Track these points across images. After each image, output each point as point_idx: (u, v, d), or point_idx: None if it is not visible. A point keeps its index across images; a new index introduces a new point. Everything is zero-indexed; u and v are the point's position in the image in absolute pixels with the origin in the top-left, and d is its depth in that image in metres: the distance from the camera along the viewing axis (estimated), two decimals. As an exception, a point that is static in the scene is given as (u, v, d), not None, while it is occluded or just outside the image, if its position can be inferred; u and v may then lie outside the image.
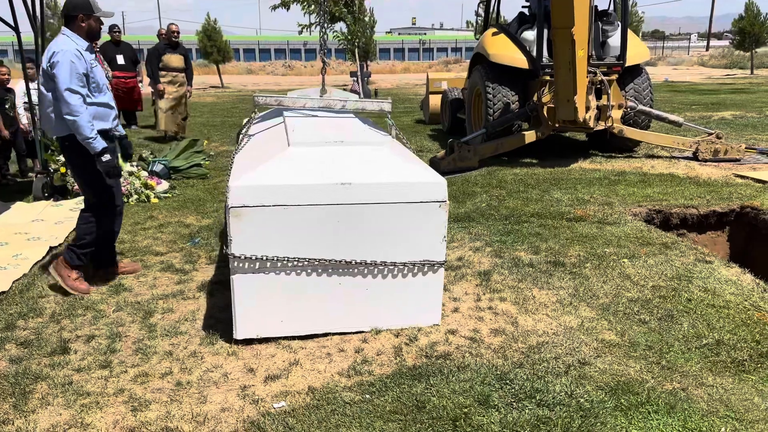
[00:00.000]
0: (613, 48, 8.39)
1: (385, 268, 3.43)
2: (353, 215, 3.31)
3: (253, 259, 3.28)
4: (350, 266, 3.39)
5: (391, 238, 3.38)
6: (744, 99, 15.79)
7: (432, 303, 3.55)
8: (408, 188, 3.33)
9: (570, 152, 8.79)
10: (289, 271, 3.34)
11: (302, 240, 3.30)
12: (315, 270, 3.37)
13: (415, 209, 3.36)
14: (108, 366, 3.22)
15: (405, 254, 3.41)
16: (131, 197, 6.57)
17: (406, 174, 3.38)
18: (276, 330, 3.44)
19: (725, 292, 3.95)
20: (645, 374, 3.02)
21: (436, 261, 3.46)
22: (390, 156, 3.48)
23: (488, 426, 2.62)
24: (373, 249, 3.38)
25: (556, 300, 3.89)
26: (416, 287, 3.49)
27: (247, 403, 2.87)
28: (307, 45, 59.49)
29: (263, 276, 3.32)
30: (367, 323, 3.51)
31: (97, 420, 2.76)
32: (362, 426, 2.66)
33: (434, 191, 3.36)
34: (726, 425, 2.63)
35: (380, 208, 3.33)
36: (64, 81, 3.75)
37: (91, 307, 3.93)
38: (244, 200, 3.19)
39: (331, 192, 3.26)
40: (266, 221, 3.23)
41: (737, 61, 34.30)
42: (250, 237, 3.24)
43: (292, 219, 3.26)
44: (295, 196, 3.23)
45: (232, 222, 3.21)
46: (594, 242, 4.90)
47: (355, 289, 3.44)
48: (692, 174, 7.24)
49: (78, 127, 3.80)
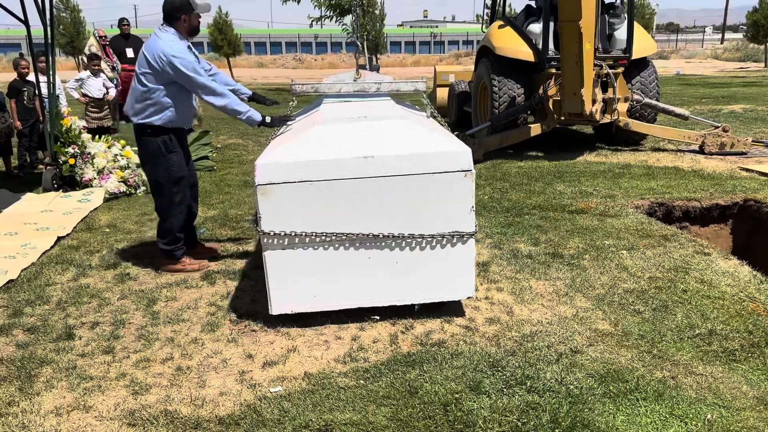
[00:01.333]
0: (620, 41, 8.39)
1: (413, 241, 3.44)
2: (377, 188, 3.34)
3: (282, 235, 3.35)
4: (378, 240, 3.42)
5: (417, 210, 3.38)
6: (755, 92, 15.67)
7: (464, 275, 3.52)
8: (431, 158, 3.33)
9: (575, 145, 8.79)
10: (318, 246, 3.41)
11: (329, 215, 3.35)
12: (343, 244, 3.42)
13: (440, 179, 3.34)
14: (111, 351, 3.31)
15: (433, 226, 3.41)
16: (138, 189, 6.66)
17: (429, 144, 3.37)
18: (309, 305, 3.51)
19: (721, 284, 3.97)
20: (636, 363, 3.07)
21: (465, 232, 3.43)
22: (413, 128, 3.46)
23: (478, 411, 2.68)
24: (400, 222, 3.40)
25: (553, 290, 3.94)
26: (447, 259, 3.48)
27: (244, 388, 2.95)
28: (318, 38, 59.53)
29: (293, 252, 3.40)
30: (398, 297, 3.54)
31: (99, 403, 2.85)
32: (355, 410, 2.72)
33: (458, 160, 3.34)
34: (712, 412, 2.67)
35: (404, 180, 3.34)
36: (197, 79, 3.98)
37: (97, 295, 4.03)
38: (269, 177, 3.28)
39: (353, 166, 3.30)
40: (293, 197, 3.31)
41: (751, 53, 33.94)
42: (278, 214, 3.32)
43: (317, 194, 3.32)
44: (318, 172, 3.29)
45: (259, 199, 3.30)
46: (594, 234, 4.93)
47: (384, 263, 3.47)
48: (697, 167, 7.24)
49: (233, 110, 4.03)
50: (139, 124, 4.16)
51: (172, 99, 4.08)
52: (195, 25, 4.15)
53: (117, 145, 7.23)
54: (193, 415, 2.74)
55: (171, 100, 4.08)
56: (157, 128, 4.14)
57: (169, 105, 4.08)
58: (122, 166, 6.84)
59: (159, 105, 4.07)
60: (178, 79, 3.99)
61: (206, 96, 4.04)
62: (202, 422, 2.69)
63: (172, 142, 4.21)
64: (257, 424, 2.66)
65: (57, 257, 4.71)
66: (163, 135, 4.17)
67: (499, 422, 2.61)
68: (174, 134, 4.22)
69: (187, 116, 4.28)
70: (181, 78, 3.98)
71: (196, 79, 3.98)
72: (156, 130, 4.14)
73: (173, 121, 4.16)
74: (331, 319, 3.58)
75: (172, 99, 4.08)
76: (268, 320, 3.62)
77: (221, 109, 4.08)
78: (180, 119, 4.19)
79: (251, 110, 4.08)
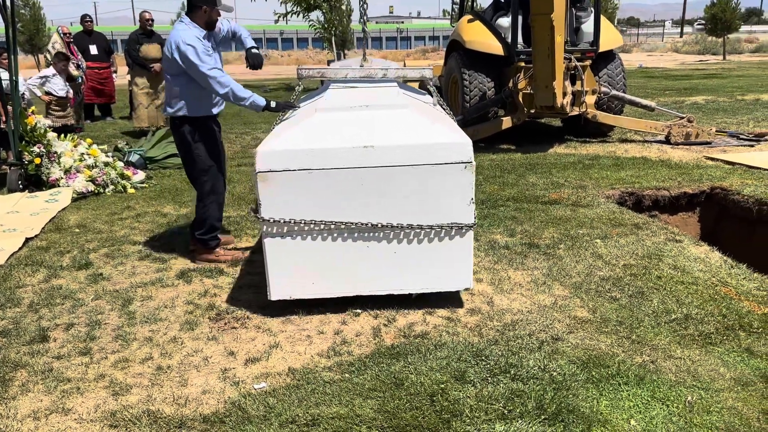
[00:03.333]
0: (587, 34, 8.49)
1: (411, 232, 3.45)
2: (377, 178, 3.35)
3: (282, 222, 3.36)
4: (377, 230, 3.43)
5: (416, 200, 3.39)
6: (716, 84, 16.05)
7: (462, 267, 3.53)
8: (431, 149, 3.32)
9: (545, 138, 8.90)
10: (317, 234, 3.41)
11: (329, 204, 3.37)
12: (342, 234, 3.43)
13: (440, 171, 3.34)
14: (88, 353, 3.23)
15: (432, 217, 3.42)
16: (107, 188, 6.53)
17: (429, 135, 3.36)
18: (308, 292, 3.53)
19: (694, 270, 4.06)
20: (615, 348, 3.12)
21: (464, 224, 3.44)
22: (415, 118, 3.45)
23: (464, 400, 2.69)
24: (400, 212, 3.40)
25: (531, 280, 3.98)
26: (445, 251, 3.49)
27: (227, 385, 2.91)
28: (284, 34, 59.07)
29: (292, 239, 3.41)
30: (396, 287, 3.56)
31: (78, 405, 2.78)
32: (341, 403, 2.71)
33: (459, 152, 3.33)
34: (692, 394, 2.73)
35: (404, 171, 3.34)
36: (200, 65, 3.97)
37: (70, 296, 3.93)
38: (270, 165, 3.29)
39: (354, 155, 3.31)
40: (292, 185, 3.32)
41: (710, 47, 34.76)
42: (278, 201, 3.34)
43: (317, 183, 3.33)
44: (318, 160, 3.30)
45: (259, 187, 3.32)
46: (568, 224, 5.00)
47: (383, 253, 3.48)
48: (664, 157, 7.38)
49: (237, 97, 4.04)
50: (170, 117, 4.29)
51: (188, 88, 4.13)
52: (214, 19, 4.20)
53: (83, 143, 7.07)
54: (176, 415, 2.69)
55: (188, 90, 4.14)
56: (181, 119, 4.22)
57: (187, 95, 4.15)
58: (89, 165, 6.69)
59: (178, 96, 4.16)
60: (184, 66, 4.03)
61: (208, 84, 4.05)
62: (186, 421, 2.65)
63: (196, 132, 4.26)
64: (243, 422, 2.63)
65: (26, 259, 4.59)
66: (188, 125, 4.24)
67: (486, 410, 2.62)
68: (199, 123, 4.27)
69: (207, 104, 4.28)
70: (187, 65, 4.01)
71: (199, 67, 3.98)
72: (181, 121, 4.23)
73: (192, 111, 4.21)
74: (313, 314, 3.56)
75: (189, 88, 4.14)
76: (249, 317, 3.58)
77: (224, 98, 4.13)
78: (201, 108, 4.24)
79: (254, 95, 4.09)
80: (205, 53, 4.03)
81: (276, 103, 4.13)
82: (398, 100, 3.64)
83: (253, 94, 4.09)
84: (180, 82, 4.12)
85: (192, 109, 4.20)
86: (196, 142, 4.28)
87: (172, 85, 4.17)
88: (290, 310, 3.63)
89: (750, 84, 15.53)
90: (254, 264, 4.39)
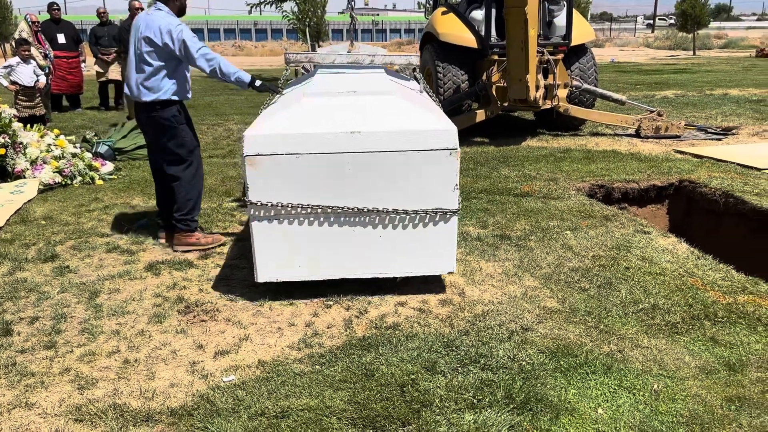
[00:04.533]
0: (559, 28, 8.54)
1: (397, 216, 3.50)
2: (363, 163, 3.39)
3: (269, 206, 3.40)
4: (363, 214, 3.47)
5: (402, 186, 3.44)
6: (686, 79, 16.29)
7: (446, 251, 3.59)
8: (417, 136, 3.38)
9: (518, 131, 8.95)
10: (304, 218, 3.45)
11: (316, 188, 3.41)
12: (329, 217, 3.48)
13: (425, 157, 3.39)
14: (53, 346, 3.17)
15: (417, 202, 3.47)
16: (75, 179, 6.40)
17: (415, 122, 3.42)
18: (294, 274, 3.57)
19: (662, 260, 4.12)
20: (584, 338, 3.15)
21: (448, 209, 3.50)
22: (401, 104, 3.50)
23: (434, 390, 2.70)
24: (385, 197, 3.45)
25: (502, 271, 4.00)
26: (429, 235, 3.55)
27: (196, 378, 2.88)
28: (258, 25, 58.47)
29: (279, 223, 3.45)
30: (382, 270, 3.61)
31: (43, 399, 2.73)
32: (312, 395, 2.70)
33: (444, 138, 3.39)
34: (658, 383, 2.77)
35: (390, 156, 3.39)
36: (192, 47, 4.10)
37: (35, 289, 3.85)
38: (257, 149, 3.32)
39: (340, 140, 3.35)
40: (280, 169, 3.36)
41: (681, 42, 35.22)
42: (265, 185, 3.37)
43: (304, 167, 3.37)
44: (305, 145, 3.34)
45: (247, 170, 3.35)
46: (539, 216, 5.04)
47: (369, 237, 3.53)
48: (634, 150, 7.48)
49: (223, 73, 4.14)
50: (149, 102, 4.27)
51: (176, 73, 4.25)
52: (184, 5, 4.37)
53: (50, 134, 6.92)
54: (143, 408, 2.66)
55: (175, 75, 4.24)
56: (165, 102, 4.26)
57: (173, 80, 4.24)
58: (57, 156, 6.55)
59: (165, 81, 4.22)
60: (178, 50, 4.11)
61: (200, 62, 4.13)
62: (153, 414, 2.61)
63: (181, 114, 4.36)
64: (211, 414, 2.60)
65: (-11, 251, 4.48)
66: (171, 107, 4.30)
67: (455, 400, 2.64)
68: (181, 107, 4.38)
69: (187, 88, 4.40)
70: (182, 49, 4.11)
71: (191, 49, 4.09)
72: (165, 104, 4.27)
73: (179, 95, 4.31)
74: (284, 306, 3.54)
75: (176, 73, 4.25)
76: (218, 310, 3.55)
77: (212, 74, 4.18)
78: (183, 92, 4.34)
79: (239, 71, 4.18)
80: (191, 34, 4.17)
81: (261, 84, 4.22)
82: (385, 86, 3.69)
83: (238, 70, 4.18)
84: (168, 67, 4.19)
85: (178, 92, 4.28)
86: (181, 124, 4.36)
87: (156, 72, 4.18)
88: (261, 303, 3.61)
89: (718, 79, 15.80)
90: (224, 257, 4.35)
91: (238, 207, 5.47)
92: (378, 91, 3.62)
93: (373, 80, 3.82)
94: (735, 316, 3.36)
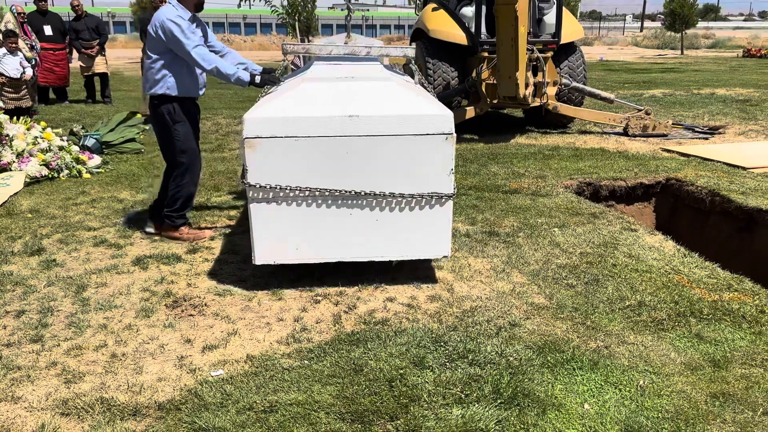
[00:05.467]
0: (549, 26, 8.57)
1: (393, 200, 3.55)
2: (361, 147, 3.44)
3: (268, 188, 3.44)
4: (360, 197, 3.51)
5: (399, 170, 3.49)
6: (673, 78, 16.41)
7: (440, 235, 3.65)
8: (414, 120, 3.43)
9: (507, 128, 8.97)
10: (302, 200, 3.49)
11: (314, 171, 3.44)
12: (326, 200, 3.51)
13: (422, 141, 3.45)
14: (40, 340, 3.15)
15: (413, 186, 3.52)
16: (62, 172, 6.35)
17: (412, 106, 3.48)
18: (291, 257, 3.60)
19: (648, 258, 4.16)
20: (571, 334, 3.18)
21: (444, 193, 3.56)
22: (398, 90, 3.57)
23: (422, 385, 2.71)
24: (382, 180, 3.50)
25: (490, 267, 4.02)
26: (425, 219, 3.60)
27: (184, 373, 2.88)
28: (247, 19, 58.17)
29: (277, 205, 3.48)
30: (377, 253, 3.65)
31: (29, 393, 2.71)
32: (300, 390, 2.70)
33: (440, 123, 3.45)
34: (644, 379, 2.80)
35: (387, 140, 3.44)
36: (186, 43, 4.04)
37: (21, 282, 3.82)
38: (257, 131, 3.35)
39: (339, 124, 3.40)
40: (279, 152, 3.39)
41: (669, 41, 35.46)
42: (264, 167, 3.40)
43: (303, 150, 3.41)
44: (304, 128, 3.38)
45: (247, 153, 3.38)
46: (527, 213, 5.06)
47: (365, 220, 3.57)
48: (622, 148, 7.52)
49: (221, 74, 4.09)
50: (150, 96, 4.30)
51: (171, 67, 4.17)
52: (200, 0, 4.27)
53: (37, 126, 6.85)
54: (130, 402, 2.65)
55: (170, 69, 4.18)
56: (161, 97, 4.24)
57: (169, 74, 4.18)
58: (43, 149, 6.49)
59: (161, 74, 4.18)
60: (169, 43, 4.07)
61: (194, 61, 4.10)
62: (140, 409, 2.61)
63: (176, 111, 4.28)
64: (199, 409, 2.60)
65: (-26, 244, 4.44)
66: (167, 104, 4.25)
67: (443, 395, 2.65)
68: (179, 104, 4.28)
69: (190, 85, 4.30)
70: (172, 42, 4.06)
71: (184, 44, 4.04)
72: (161, 100, 4.25)
73: (175, 90, 4.22)
74: (273, 301, 3.54)
75: (172, 67, 4.18)
76: (207, 304, 3.54)
77: (210, 74, 4.17)
78: (183, 88, 4.25)
79: (239, 71, 4.13)
80: (189, 31, 4.08)
81: (261, 79, 4.16)
82: (383, 74, 3.78)
83: (237, 70, 4.13)
84: (163, 60, 4.15)
85: (173, 88, 4.21)
86: (176, 123, 4.30)
87: (154, 64, 4.18)
88: (250, 297, 3.61)
89: (706, 78, 15.93)
90: (212, 251, 4.33)
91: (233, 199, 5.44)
92: (376, 78, 3.70)
93: (369, 69, 3.89)
94: (720, 313, 3.39)
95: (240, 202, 5.42)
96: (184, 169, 4.42)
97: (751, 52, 25.46)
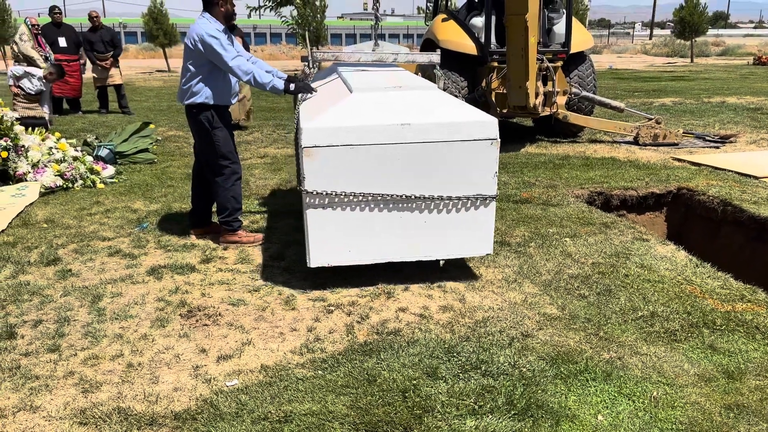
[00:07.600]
0: (559, 35, 8.60)
1: (441, 203, 3.73)
2: (412, 153, 3.62)
3: (324, 194, 3.60)
4: (410, 200, 3.70)
5: (446, 174, 3.67)
6: (683, 86, 16.38)
7: (485, 234, 3.84)
8: (462, 127, 3.61)
9: (517, 137, 8.99)
10: (355, 205, 3.67)
11: (367, 177, 3.61)
12: (378, 204, 3.68)
13: (469, 146, 3.63)
14: (57, 350, 3.19)
15: (460, 189, 3.70)
16: (76, 182, 6.42)
17: (460, 114, 3.67)
18: (344, 259, 3.76)
19: (660, 268, 4.16)
20: (584, 345, 3.18)
21: (488, 195, 3.74)
22: (443, 99, 3.81)
23: (436, 396, 2.72)
24: (431, 184, 3.68)
25: (502, 277, 4.03)
26: (470, 220, 3.78)
27: (199, 382, 2.90)
28: (257, 29, 58.58)
29: (332, 210, 3.65)
30: (426, 253, 3.83)
31: (47, 402, 2.75)
32: (314, 400, 2.73)
33: (486, 129, 3.63)
34: (658, 390, 2.80)
35: (437, 146, 3.62)
36: (225, 55, 4.24)
37: (38, 292, 3.87)
38: (315, 140, 3.51)
39: (392, 132, 3.57)
40: (335, 160, 3.55)
41: (678, 49, 35.38)
42: (320, 174, 3.57)
43: (357, 157, 3.57)
44: (360, 136, 3.54)
45: (304, 161, 3.53)
46: (538, 223, 5.07)
47: (414, 222, 3.74)
48: (632, 158, 7.52)
49: (258, 83, 4.27)
50: (186, 105, 4.50)
51: (209, 78, 4.38)
52: (231, 11, 4.47)
53: (51, 137, 6.94)
54: (147, 412, 2.68)
55: (209, 79, 4.38)
56: (199, 106, 4.43)
57: (207, 84, 4.38)
58: (58, 160, 6.57)
59: (200, 85, 4.38)
60: (209, 56, 4.27)
61: (233, 72, 4.31)
62: (157, 418, 2.64)
63: (215, 118, 4.48)
64: (215, 418, 2.63)
65: (-8, 254, 4.50)
66: (205, 112, 4.45)
67: (457, 406, 2.66)
68: (215, 111, 4.49)
69: (226, 93, 4.51)
70: (212, 55, 4.25)
71: (223, 56, 4.24)
72: (199, 108, 4.44)
73: (212, 99, 4.43)
74: (285, 311, 3.57)
75: (210, 77, 4.38)
76: (221, 314, 3.57)
77: (248, 83, 4.34)
78: (219, 97, 4.46)
79: (274, 79, 4.30)
80: (227, 43, 4.29)
81: (295, 86, 4.31)
82: (420, 82, 3.96)
83: (273, 79, 4.30)
84: (202, 72, 4.36)
85: (211, 97, 4.41)
86: (215, 129, 4.49)
87: (193, 76, 4.38)
88: (263, 307, 3.64)
89: (716, 86, 15.89)
90: (225, 261, 4.37)
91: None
92: (419, 87, 3.88)
93: (405, 77, 4.07)
94: (733, 324, 3.39)
95: (253, 214, 5.46)
96: (229, 173, 4.59)
97: (762, 60, 25.35)
